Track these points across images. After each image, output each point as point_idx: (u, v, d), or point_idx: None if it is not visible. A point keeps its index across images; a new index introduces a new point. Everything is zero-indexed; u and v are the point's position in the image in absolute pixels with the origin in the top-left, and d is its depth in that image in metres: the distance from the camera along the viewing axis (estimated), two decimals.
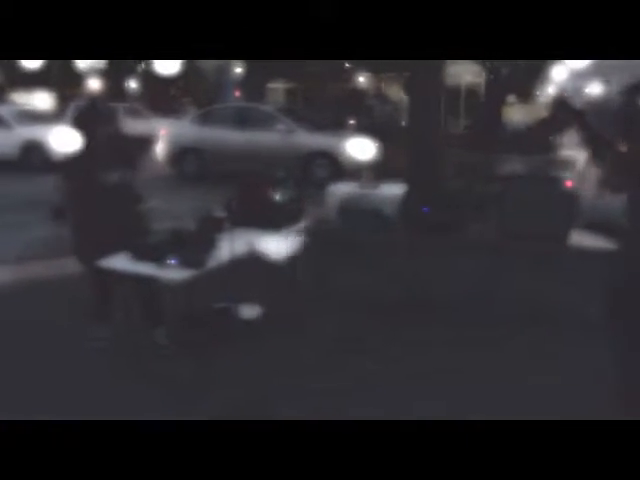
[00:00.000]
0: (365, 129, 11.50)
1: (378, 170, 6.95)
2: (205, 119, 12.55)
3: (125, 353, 3.97)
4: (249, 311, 4.50)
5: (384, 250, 5.77)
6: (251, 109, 12.65)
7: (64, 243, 4.12)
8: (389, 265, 5.52)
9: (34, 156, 13.46)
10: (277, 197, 4.47)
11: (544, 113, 15.68)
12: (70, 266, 4.42)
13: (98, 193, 3.85)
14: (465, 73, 22.86)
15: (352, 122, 18.54)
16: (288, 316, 4.49)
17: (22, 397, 3.41)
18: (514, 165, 7.85)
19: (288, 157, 11.23)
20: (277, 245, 4.18)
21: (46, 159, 13.06)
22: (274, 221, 4.34)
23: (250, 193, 4.46)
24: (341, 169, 10.86)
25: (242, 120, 12.10)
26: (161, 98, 26.49)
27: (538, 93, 19.35)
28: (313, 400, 3.38)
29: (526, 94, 19.60)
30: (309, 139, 11.47)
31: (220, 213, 4.31)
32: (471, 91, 23.96)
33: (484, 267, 5.56)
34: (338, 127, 12.89)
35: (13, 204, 9.50)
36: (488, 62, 17.61)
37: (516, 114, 20.65)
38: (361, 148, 10.98)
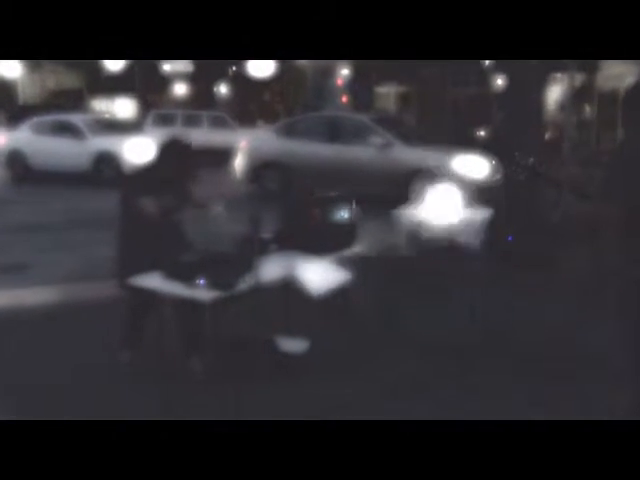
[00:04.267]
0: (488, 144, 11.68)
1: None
2: (290, 130, 13.29)
3: (155, 379, 4.49)
4: (292, 345, 4.90)
5: (460, 283, 6.01)
6: (343, 119, 13.21)
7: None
8: (463, 301, 5.76)
9: (106, 169, 14.89)
10: (328, 217, 4.89)
11: None
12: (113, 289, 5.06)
13: (153, 220, 4.45)
14: (627, 74, 22.24)
15: (481, 133, 18.59)
16: (336, 354, 4.85)
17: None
18: None
19: (383, 175, 11.68)
20: (323, 272, 4.58)
21: (119, 172, 14.40)
22: (323, 245, 4.76)
23: (299, 212, 4.92)
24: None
25: (332, 131, 12.70)
26: (251, 105, 27.78)
27: None
28: None
29: None
30: (410, 155, 11.82)
31: (266, 234, 4.79)
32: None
33: (579, 311, 5.63)
34: (454, 141, 13.10)
35: (79, 220, 10.65)
36: None
37: None
38: (473, 167, 11.25)
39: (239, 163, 13.37)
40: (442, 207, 6.78)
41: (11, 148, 16.28)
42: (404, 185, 11.42)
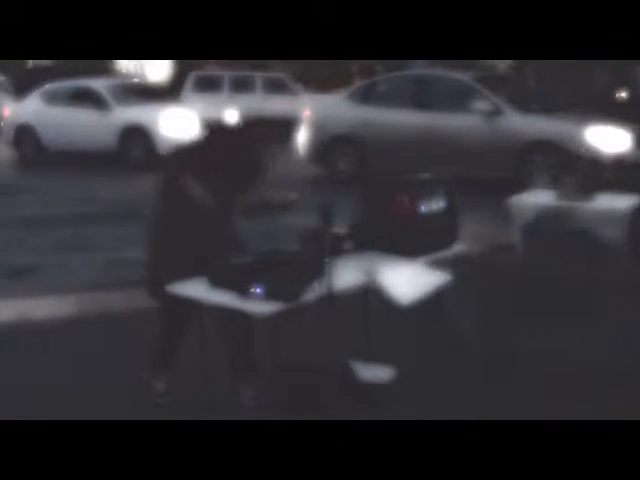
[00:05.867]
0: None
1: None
2: (368, 94, 13.25)
3: (195, 413, 4.54)
4: (375, 371, 4.89)
5: (596, 293, 5.89)
6: (437, 79, 13.05)
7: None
8: (601, 316, 5.64)
9: (136, 147, 15.24)
10: (421, 209, 4.86)
11: None
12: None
13: (197, 214, 4.51)
14: None
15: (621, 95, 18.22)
16: (430, 383, 4.81)
17: None
18: None
19: (491, 151, 11.57)
20: (414, 278, 4.56)
21: (151, 151, 14.70)
22: (413, 243, 4.74)
23: (382, 202, 4.91)
24: (568, 169, 10.91)
25: (423, 95, 12.63)
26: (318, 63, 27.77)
27: None
28: None
29: None
30: (526, 124, 11.66)
31: (340, 229, 4.80)
32: None
33: None
34: (585, 106, 12.82)
35: (101, 213, 10.94)
36: None
37: None
38: (611, 141, 10.97)
39: (303, 138, 13.45)
40: (570, 192, 6.68)
41: (19, 123, 16.75)
42: (518, 164, 11.28)
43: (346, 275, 4.34)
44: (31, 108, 16.73)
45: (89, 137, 15.59)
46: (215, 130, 4.91)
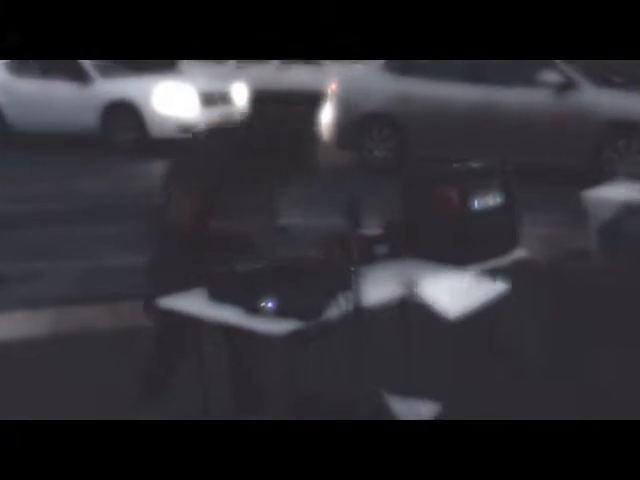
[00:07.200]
0: None
1: None
2: (409, 64, 13.08)
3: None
4: (415, 407, 4.87)
5: None
6: None
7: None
8: None
9: (122, 128, 15.29)
10: (473, 205, 4.84)
11: None
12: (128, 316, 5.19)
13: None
14: None
15: None
16: (483, 417, 4.79)
17: None
18: None
19: (562, 134, 11.55)
20: (463, 290, 4.54)
21: (141, 134, 14.73)
22: (463, 248, 4.72)
23: (424, 197, 4.89)
24: None
25: (478, 65, 12.50)
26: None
27: None
28: None
29: None
30: (605, 100, 11.70)
31: (371, 230, 4.80)
32: None
33: None
34: None
35: (78, 211, 10.93)
36: None
37: None
38: None
39: (327, 117, 13.50)
40: None
41: None
42: (596, 149, 11.23)
43: (378, 287, 4.32)
44: None
45: (65, 116, 15.67)
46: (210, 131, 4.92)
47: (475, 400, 5.02)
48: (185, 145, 5.09)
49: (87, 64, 15.82)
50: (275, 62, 20.51)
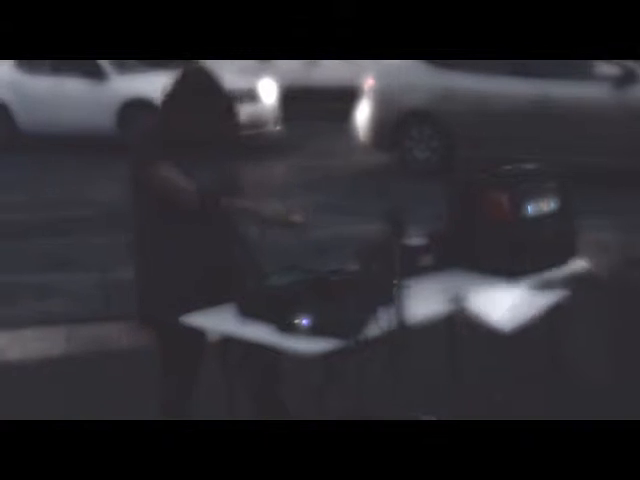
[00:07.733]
0: None
1: None
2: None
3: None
4: None
5: None
6: None
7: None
8: None
9: (138, 127, 15.20)
10: (526, 212, 4.81)
11: None
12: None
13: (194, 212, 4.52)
14: None
15: None
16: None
17: None
18: None
19: (624, 133, 11.51)
20: (517, 304, 4.51)
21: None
22: (515, 258, 4.70)
23: (473, 203, 4.87)
24: None
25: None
26: None
27: None
28: None
29: None
30: None
31: (415, 240, 4.78)
32: None
33: None
34: None
35: (94, 218, 10.99)
36: None
37: None
38: None
39: (364, 115, 13.48)
40: None
41: None
42: None
43: (424, 301, 4.31)
44: (2, 79, 16.83)
45: (79, 116, 15.78)
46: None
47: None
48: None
49: (104, 62, 15.89)
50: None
